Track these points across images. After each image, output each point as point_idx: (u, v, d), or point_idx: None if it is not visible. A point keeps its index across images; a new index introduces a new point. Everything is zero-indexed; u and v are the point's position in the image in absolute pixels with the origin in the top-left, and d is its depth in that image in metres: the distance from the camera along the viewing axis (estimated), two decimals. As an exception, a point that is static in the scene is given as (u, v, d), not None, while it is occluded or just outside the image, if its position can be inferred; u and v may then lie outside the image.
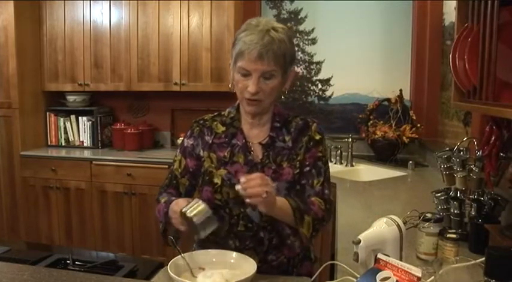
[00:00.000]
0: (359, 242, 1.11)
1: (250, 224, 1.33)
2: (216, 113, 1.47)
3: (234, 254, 1.25)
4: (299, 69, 3.52)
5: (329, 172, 1.43)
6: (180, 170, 1.43)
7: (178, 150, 1.46)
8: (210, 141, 1.40)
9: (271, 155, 1.36)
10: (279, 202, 1.24)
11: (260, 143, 1.38)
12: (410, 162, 2.81)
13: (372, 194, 2.29)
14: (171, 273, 1.08)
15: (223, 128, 1.41)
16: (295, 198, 1.31)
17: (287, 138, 1.39)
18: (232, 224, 1.34)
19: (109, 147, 3.69)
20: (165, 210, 1.33)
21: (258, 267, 1.15)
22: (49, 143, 3.72)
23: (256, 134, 1.40)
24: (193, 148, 1.42)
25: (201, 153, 1.40)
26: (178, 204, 1.25)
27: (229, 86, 1.40)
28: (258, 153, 1.37)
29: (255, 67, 1.26)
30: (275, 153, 1.36)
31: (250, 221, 1.33)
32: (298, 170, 1.36)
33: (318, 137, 1.40)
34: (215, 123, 1.43)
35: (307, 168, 1.37)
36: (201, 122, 1.45)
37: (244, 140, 1.38)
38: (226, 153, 1.37)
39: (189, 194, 1.43)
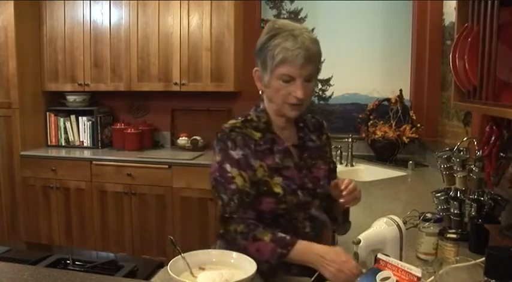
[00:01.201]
0: (359, 242, 1.11)
1: (314, 224, 1.36)
2: (241, 119, 1.36)
3: (234, 254, 1.24)
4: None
5: None
6: (248, 185, 1.28)
7: (229, 166, 1.29)
8: (254, 149, 1.32)
9: (311, 155, 1.39)
10: None
11: (293, 145, 1.38)
12: (410, 162, 2.81)
13: (372, 194, 2.28)
14: (171, 273, 1.08)
15: (259, 134, 1.34)
16: None
17: (313, 137, 1.43)
18: (298, 227, 1.33)
19: (109, 147, 3.69)
20: (281, 252, 1.20)
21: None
22: (49, 143, 3.72)
23: (287, 136, 1.39)
24: (246, 158, 1.30)
25: (252, 162, 1.30)
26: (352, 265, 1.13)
27: (260, 92, 1.37)
28: (295, 155, 1.37)
29: (300, 72, 1.25)
30: (311, 153, 1.40)
31: (314, 222, 1.35)
32: (327, 167, 1.43)
33: (329, 134, 1.51)
34: (249, 129, 1.34)
35: (333, 165, 1.48)
36: (237, 130, 1.32)
37: (284, 144, 1.36)
38: (277, 160, 1.32)
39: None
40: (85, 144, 3.68)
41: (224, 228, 1.28)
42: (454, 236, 1.29)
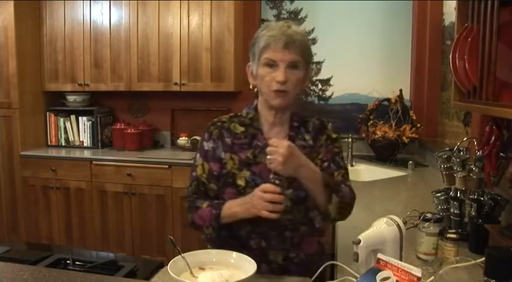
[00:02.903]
0: (359, 242, 1.11)
1: (274, 222, 1.33)
2: (232, 114, 1.48)
3: (234, 254, 1.24)
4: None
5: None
6: (205, 176, 1.41)
7: (198, 155, 1.44)
8: (230, 143, 1.40)
9: None
10: (306, 163, 1.27)
11: None
12: (410, 162, 2.81)
13: (371, 194, 2.29)
14: (171, 273, 1.08)
15: (242, 129, 1.42)
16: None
17: (307, 137, 1.43)
18: (256, 223, 1.33)
19: (109, 147, 3.69)
20: (216, 212, 1.32)
21: (280, 265, 1.20)
22: (49, 143, 3.72)
23: (275, 133, 1.41)
24: (214, 151, 1.41)
25: (222, 155, 1.40)
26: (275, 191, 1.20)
27: (250, 87, 1.43)
28: None
29: (282, 57, 1.30)
30: None
31: (274, 220, 1.32)
32: (319, 168, 1.38)
33: (334, 135, 1.47)
34: (233, 124, 1.43)
35: (326, 164, 1.40)
36: (219, 123, 1.44)
37: (265, 141, 1.38)
38: (249, 154, 1.38)
39: (217, 199, 1.41)
40: (85, 144, 3.68)
41: None
42: (454, 236, 1.29)
